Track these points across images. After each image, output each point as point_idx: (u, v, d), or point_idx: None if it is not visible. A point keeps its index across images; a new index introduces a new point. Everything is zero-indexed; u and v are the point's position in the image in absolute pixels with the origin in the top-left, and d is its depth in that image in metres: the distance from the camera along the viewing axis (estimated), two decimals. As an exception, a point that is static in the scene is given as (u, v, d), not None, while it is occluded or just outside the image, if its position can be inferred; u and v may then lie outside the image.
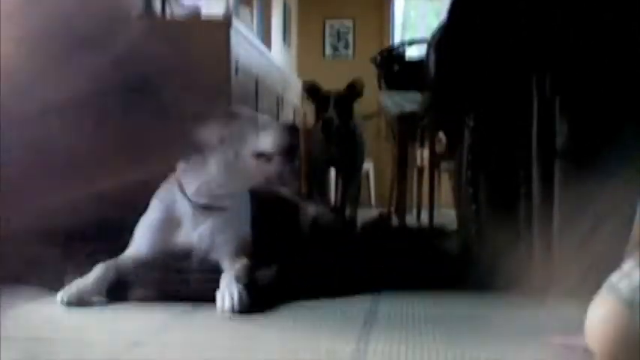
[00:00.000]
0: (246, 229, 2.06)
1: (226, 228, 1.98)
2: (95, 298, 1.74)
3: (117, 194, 2.06)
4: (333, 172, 4.40)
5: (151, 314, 1.62)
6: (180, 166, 2.02)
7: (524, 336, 1.46)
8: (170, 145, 2.12)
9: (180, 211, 1.98)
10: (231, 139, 1.94)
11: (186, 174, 2.00)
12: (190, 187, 1.98)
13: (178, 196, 1.99)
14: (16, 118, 2.08)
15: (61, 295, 1.69)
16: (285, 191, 2.65)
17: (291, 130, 1.95)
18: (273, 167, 1.95)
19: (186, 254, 1.97)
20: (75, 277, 1.79)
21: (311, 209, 2.57)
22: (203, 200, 1.98)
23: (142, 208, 2.07)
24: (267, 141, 1.92)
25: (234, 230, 1.99)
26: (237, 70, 3.38)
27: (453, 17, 2.20)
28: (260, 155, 1.92)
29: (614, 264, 1.24)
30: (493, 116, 2.08)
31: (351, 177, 4.07)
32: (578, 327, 1.22)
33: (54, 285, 1.85)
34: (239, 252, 1.96)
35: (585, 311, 1.20)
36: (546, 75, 2.00)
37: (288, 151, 1.92)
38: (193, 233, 1.97)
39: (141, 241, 1.97)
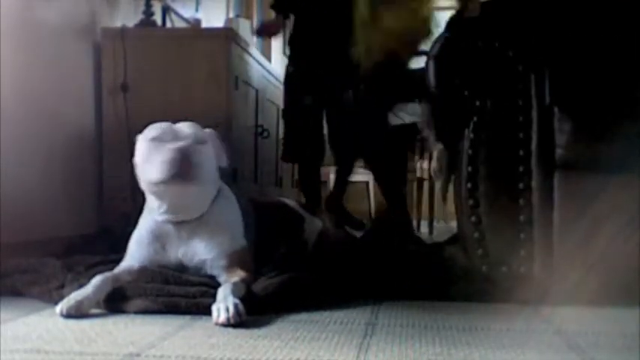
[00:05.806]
0: (239, 240, 2.03)
1: (213, 245, 1.96)
2: (94, 310, 1.74)
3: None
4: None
5: (150, 326, 1.62)
6: None
7: (524, 347, 1.46)
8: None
9: (163, 225, 1.98)
10: (141, 161, 1.92)
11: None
12: (150, 204, 2.00)
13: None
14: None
15: (60, 306, 1.69)
16: (290, 202, 2.64)
17: (182, 152, 1.83)
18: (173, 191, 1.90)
19: (180, 268, 1.96)
20: (74, 289, 1.79)
21: (317, 223, 2.55)
22: (164, 217, 1.97)
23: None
24: (154, 171, 1.86)
25: (224, 244, 1.97)
26: (237, 81, 3.39)
27: (452, 28, 2.21)
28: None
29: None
30: (492, 127, 2.09)
31: None
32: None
33: (53, 297, 1.85)
34: (234, 265, 1.94)
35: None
36: (545, 84, 2.01)
37: (182, 176, 1.84)
38: (179, 250, 1.96)
39: (134, 255, 1.97)
